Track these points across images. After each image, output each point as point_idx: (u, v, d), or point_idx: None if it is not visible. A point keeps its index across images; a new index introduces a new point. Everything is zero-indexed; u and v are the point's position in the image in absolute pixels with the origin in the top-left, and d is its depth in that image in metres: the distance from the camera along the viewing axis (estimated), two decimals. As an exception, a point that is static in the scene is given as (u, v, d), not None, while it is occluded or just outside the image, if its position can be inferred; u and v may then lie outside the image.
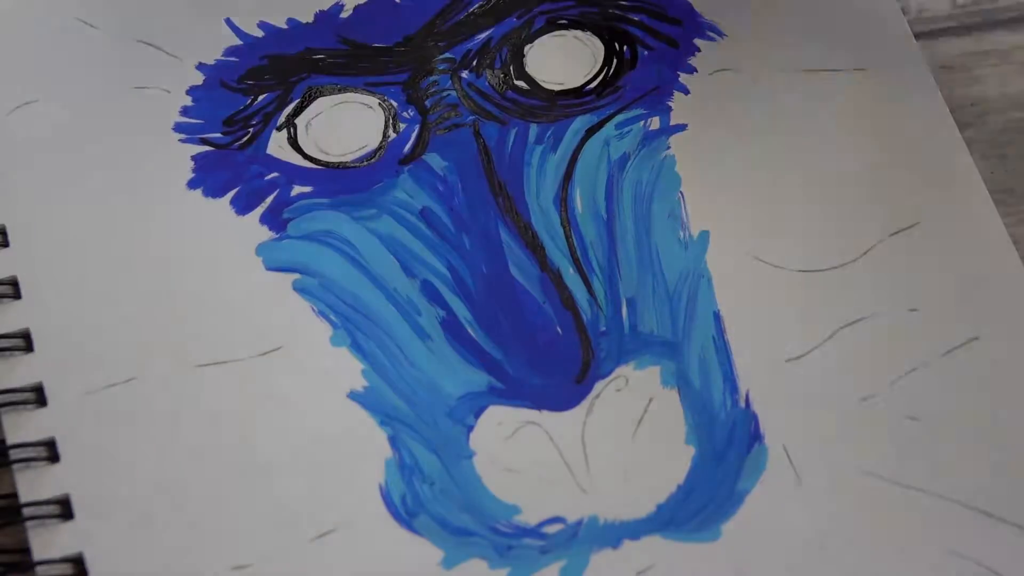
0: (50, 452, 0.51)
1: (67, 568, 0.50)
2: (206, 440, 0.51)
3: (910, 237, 0.55)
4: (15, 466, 0.51)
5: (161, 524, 0.50)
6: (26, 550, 0.50)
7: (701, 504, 0.51)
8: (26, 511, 0.50)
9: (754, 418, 0.52)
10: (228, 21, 0.59)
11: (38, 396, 0.52)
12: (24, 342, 0.53)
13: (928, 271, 0.55)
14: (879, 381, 0.53)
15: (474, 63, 0.58)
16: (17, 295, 0.54)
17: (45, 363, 0.53)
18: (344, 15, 0.59)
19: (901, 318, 0.54)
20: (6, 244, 0.55)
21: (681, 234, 0.55)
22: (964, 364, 0.53)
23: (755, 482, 0.51)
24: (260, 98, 0.58)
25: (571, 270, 0.54)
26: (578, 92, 0.58)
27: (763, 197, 0.56)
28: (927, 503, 0.51)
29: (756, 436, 0.52)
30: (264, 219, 0.55)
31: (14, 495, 0.51)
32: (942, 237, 0.55)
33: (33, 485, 0.51)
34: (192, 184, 0.56)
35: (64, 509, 0.51)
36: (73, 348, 0.53)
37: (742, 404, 0.52)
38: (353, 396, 0.52)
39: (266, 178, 0.56)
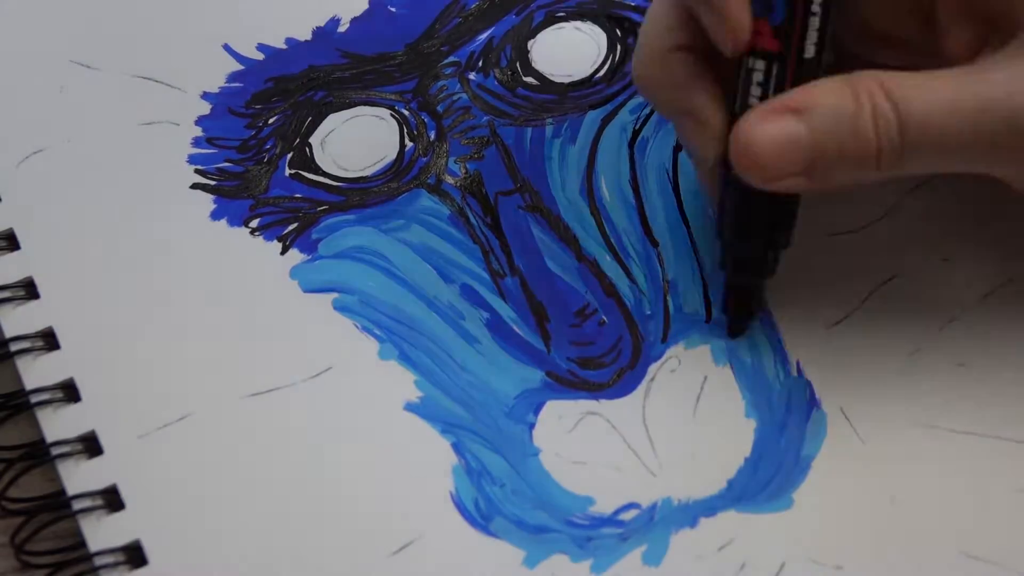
0: (112, 500, 0.51)
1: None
2: (268, 470, 0.51)
3: (931, 190, 0.56)
4: (80, 515, 0.51)
5: (235, 559, 0.50)
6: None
7: (770, 475, 0.51)
8: (98, 558, 0.50)
9: (808, 385, 0.53)
10: (226, 47, 0.59)
11: (90, 446, 0.52)
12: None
13: (954, 220, 0.55)
14: (923, 334, 0.53)
15: (480, 64, 0.58)
16: (55, 346, 0.53)
17: (94, 412, 0.52)
18: (342, 29, 0.59)
19: (934, 269, 0.55)
20: (36, 296, 0.54)
21: (710, 211, 0.56)
22: (1002, 306, 0.54)
23: (819, 447, 0.52)
24: (271, 121, 0.57)
25: (608, 257, 0.55)
26: (588, 82, 0.58)
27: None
28: (988, 446, 0.52)
29: (813, 402, 0.52)
30: (293, 242, 0.55)
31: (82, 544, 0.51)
32: (960, 186, 0.56)
33: (99, 535, 0.50)
34: (215, 215, 0.56)
35: (134, 555, 0.50)
36: (121, 394, 0.52)
37: (794, 373, 0.53)
38: (409, 407, 0.52)
39: (288, 201, 0.56)
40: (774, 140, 0.48)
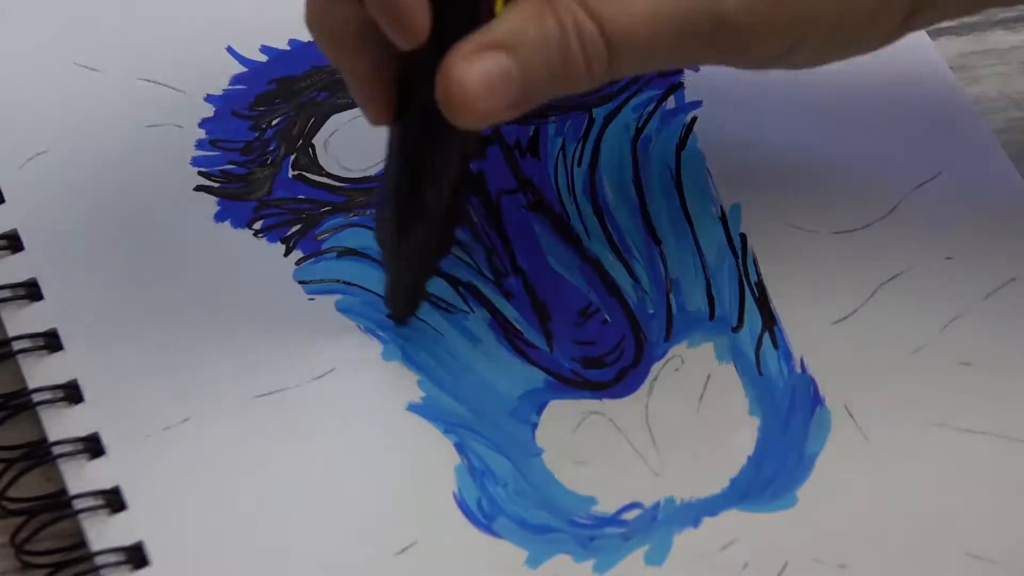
0: (114, 500, 0.51)
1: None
2: (271, 471, 0.51)
3: (934, 188, 0.56)
4: (81, 515, 0.51)
5: (238, 560, 0.50)
6: None
7: (773, 473, 0.51)
8: (98, 558, 0.50)
9: (812, 382, 0.53)
10: (230, 49, 0.59)
11: (92, 446, 0.52)
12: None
13: (957, 219, 0.55)
14: (926, 332, 0.53)
15: (482, 64, 0.58)
16: (58, 347, 0.54)
17: (97, 413, 0.52)
18: (345, 30, 0.59)
19: (938, 268, 0.55)
20: (40, 297, 0.54)
21: (713, 209, 0.56)
22: (1006, 305, 0.54)
23: (822, 445, 0.52)
24: (274, 122, 0.58)
25: (610, 256, 0.55)
26: (591, 81, 0.58)
27: (786, 164, 0.56)
28: (992, 445, 0.52)
29: (817, 399, 0.52)
30: (297, 243, 0.56)
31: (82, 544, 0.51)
32: (964, 184, 0.56)
33: (101, 536, 0.51)
34: (219, 217, 0.56)
35: (136, 555, 0.50)
36: (124, 395, 0.52)
37: (798, 370, 0.53)
38: (413, 408, 0.52)
39: (292, 202, 0.56)
40: (485, 80, 0.46)
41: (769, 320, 0.54)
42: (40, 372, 0.53)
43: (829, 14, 0.48)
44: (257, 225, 0.56)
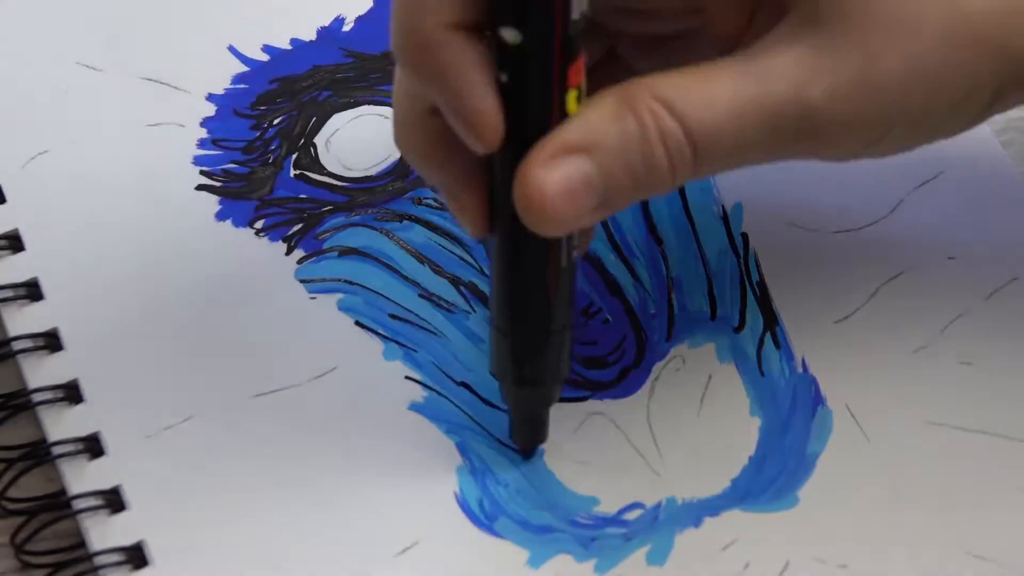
0: (114, 500, 0.51)
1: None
2: (272, 470, 0.51)
3: (935, 188, 0.56)
4: (81, 515, 0.51)
5: (239, 560, 0.50)
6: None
7: (775, 473, 0.51)
8: (98, 558, 0.50)
9: (813, 382, 0.53)
10: (232, 48, 0.59)
11: (92, 446, 0.52)
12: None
13: (958, 219, 0.55)
14: (928, 331, 0.53)
15: (484, 63, 0.58)
16: (59, 347, 0.54)
17: (98, 413, 0.52)
18: (346, 28, 0.59)
19: (940, 267, 0.55)
20: (41, 297, 0.54)
21: (715, 209, 0.56)
22: (1007, 305, 0.54)
23: (824, 445, 0.52)
24: (276, 121, 0.58)
25: (612, 256, 0.55)
26: (592, 80, 0.58)
27: (787, 163, 0.56)
28: (994, 444, 0.51)
29: (818, 399, 0.52)
30: (298, 242, 0.56)
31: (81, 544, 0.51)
32: (964, 184, 0.56)
33: (101, 536, 0.51)
34: (220, 216, 0.56)
35: (136, 555, 0.50)
36: (125, 395, 0.52)
37: (799, 370, 0.53)
38: (414, 407, 0.52)
39: (294, 202, 0.56)
40: (565, 187, 0.44)
41: (771, 320, 0.54)
42: (40, 372, 0.53)
43: (916, 104, 0.46)
44: (258, 224, 0.56)
